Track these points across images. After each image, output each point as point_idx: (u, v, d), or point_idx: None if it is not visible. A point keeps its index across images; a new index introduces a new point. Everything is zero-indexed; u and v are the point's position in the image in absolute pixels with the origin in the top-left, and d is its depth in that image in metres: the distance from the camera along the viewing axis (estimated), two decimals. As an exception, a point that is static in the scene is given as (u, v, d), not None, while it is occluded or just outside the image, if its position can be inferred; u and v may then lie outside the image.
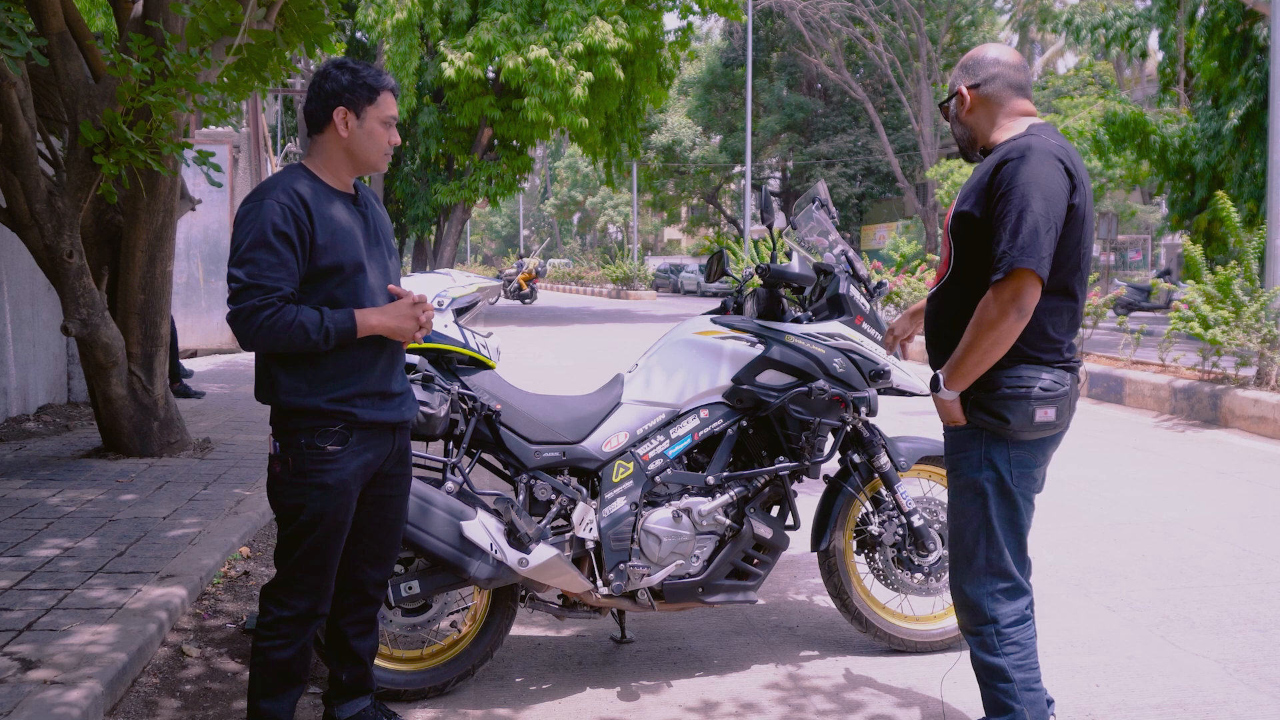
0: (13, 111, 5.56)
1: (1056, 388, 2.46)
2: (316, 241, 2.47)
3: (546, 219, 75.12)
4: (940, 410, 2.58)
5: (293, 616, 2.59)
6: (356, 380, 2.55)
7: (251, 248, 2.41)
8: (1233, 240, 8.71)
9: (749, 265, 9.36)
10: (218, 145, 12.04)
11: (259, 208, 2.44)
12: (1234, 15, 15.74)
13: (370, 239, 2.62)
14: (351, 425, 2.54)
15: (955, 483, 2.62)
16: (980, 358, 2.43)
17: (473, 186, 23.02)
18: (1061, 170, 2.40)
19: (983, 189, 2.45)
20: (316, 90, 2.56)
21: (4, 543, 4.40)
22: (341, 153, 2.58)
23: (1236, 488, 6.08)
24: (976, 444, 2.53)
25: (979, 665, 2.59)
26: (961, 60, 2.64)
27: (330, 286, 2.50)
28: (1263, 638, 3.70)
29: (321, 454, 2.51)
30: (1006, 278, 2.36)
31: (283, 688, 2.63)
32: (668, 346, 3.44)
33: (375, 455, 2.62)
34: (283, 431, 2.53)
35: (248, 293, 2.40)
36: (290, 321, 2.40)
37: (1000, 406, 2.46)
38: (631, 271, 37.29)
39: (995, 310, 2.38)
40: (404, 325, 2.56)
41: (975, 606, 2.56)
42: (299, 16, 6.36)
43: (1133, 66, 35.22)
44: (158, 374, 6.41)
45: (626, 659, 3.54)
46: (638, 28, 21.01)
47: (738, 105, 40.77)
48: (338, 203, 2.56)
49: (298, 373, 2.51)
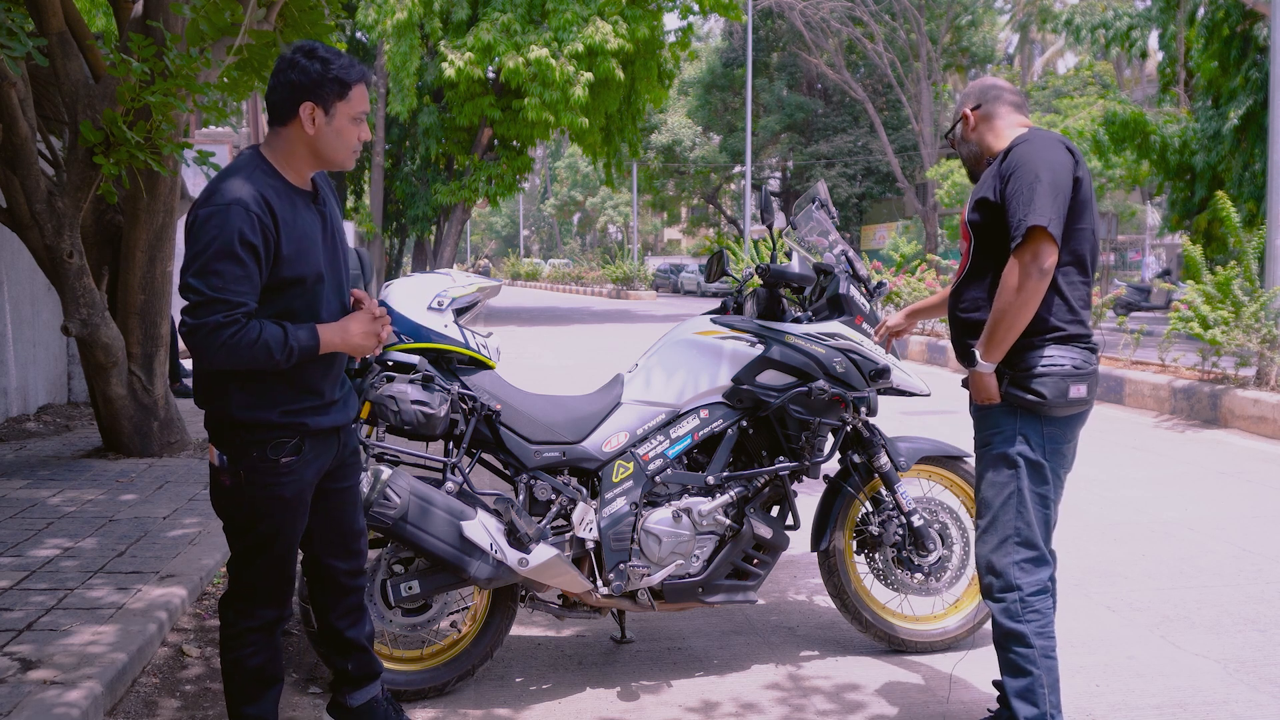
0: (13, 111, 5.56)
1: (1086, 365, 2.65)
2: (282, 252, 2.31)
3: (546, 219, 75.13)
4: (977, 386, 2.69)
5: (260, 625, 2.52)
6: (309, 393, 2.44)
7: (217, 258, 2.22)
8: (1232, 240, 8.71)
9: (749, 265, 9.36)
10: (218, 145, 12.04)
11: (225, 214, 2.24)
12: (1234, 15, 15.74)
13: (327, 240, 2.47)
14: (304, 435, 2.43)
15: (986, 457, 2.72)
16: (1011, 322, 2.59)
17: (473, 186, 23.01)
18: (1064, 149, 2.64)
19: (995, 175, 2.66)
20: (282, 79, 2.33)
21: (4, 543, 4.40)
22: (305, 149, 2.39)
23: (1236, 488, 6.08)
24: (1010, 419, 2.67)
25: (1000, 631, 2.68)
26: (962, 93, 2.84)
27: (289, 298, 2.36)
28: (1263, 638, 3.70)
29: (275, 467, 2.39)
30: (1024, 240, 2.54)
31: (261, 691, 2.57)
32: (668, 346, 3.44)
33: (325, 459, 2.53)
34: (230, 444, 2.39)
35: (209, 307, 2.22)
36: (254, 340, 2.24)
37: (1036, 383, 2.61)
38: (631, 271, 37.29)
39: (1018, 273, 2.55)
40: (365, 342, 2.47)
41: (1001, 574, 2.67)
42: (299, 16, 6.36)
43: (1133, 66, 35.23)
44: (158, 374, 6.41)
45: (626, 659, 3.54)
46: (638, 28, 21.01)
47: (738, 105, 40.76)
48: (299, 205, 2.40)
49: (251, 388, 2.37)
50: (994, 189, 2.65)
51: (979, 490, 2.76)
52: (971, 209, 2.72)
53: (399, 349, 3.17)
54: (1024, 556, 2.66)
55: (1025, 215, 2.53)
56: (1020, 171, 2.57)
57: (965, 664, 3.35)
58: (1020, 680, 2.64)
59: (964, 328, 2.79)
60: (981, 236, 2.71)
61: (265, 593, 2.51)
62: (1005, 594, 2.66)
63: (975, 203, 2.71)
